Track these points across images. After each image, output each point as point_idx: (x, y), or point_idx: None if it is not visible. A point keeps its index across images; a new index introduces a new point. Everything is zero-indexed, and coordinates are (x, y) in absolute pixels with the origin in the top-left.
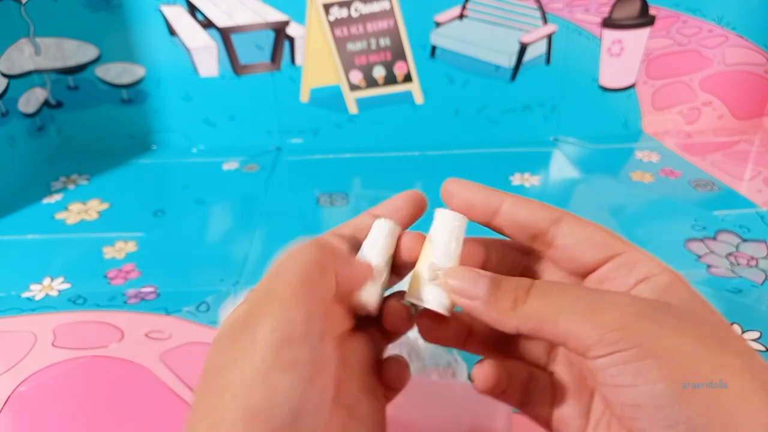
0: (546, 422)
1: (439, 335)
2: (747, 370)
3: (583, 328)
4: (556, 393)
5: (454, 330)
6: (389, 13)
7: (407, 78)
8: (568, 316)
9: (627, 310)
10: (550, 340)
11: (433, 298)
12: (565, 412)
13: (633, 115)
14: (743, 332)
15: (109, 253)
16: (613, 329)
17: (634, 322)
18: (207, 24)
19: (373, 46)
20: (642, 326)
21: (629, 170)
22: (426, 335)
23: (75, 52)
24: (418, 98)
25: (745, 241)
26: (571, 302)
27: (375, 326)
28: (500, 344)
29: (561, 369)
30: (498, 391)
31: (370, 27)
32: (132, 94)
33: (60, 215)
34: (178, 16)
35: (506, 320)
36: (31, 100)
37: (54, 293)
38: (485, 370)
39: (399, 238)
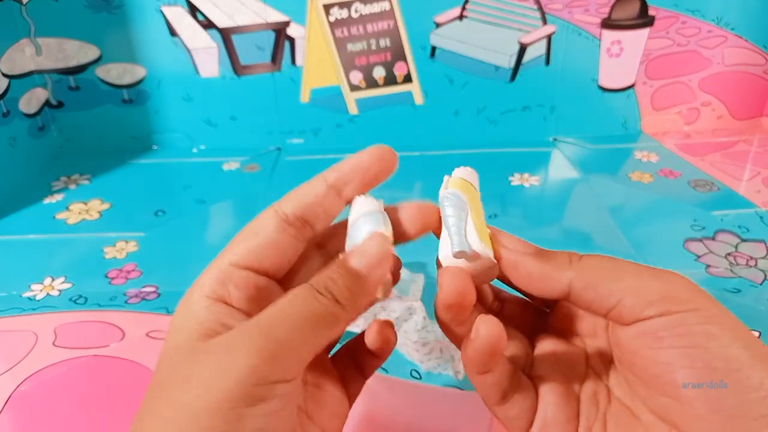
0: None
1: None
2: None
3: (647, 282)
4: (539, 397)
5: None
6: (389, 14)
7: (407, 78)
8: (629, 273)
9: (682, 277)
10: (600, 299)
11: (483, 249)
12: (551, 417)
13: (632, 116)
14: None
15: (110, 252)
16: (679, 288)
17: (694, 288)
18: (208, 25)
19: (373, 47)
20: (701, 292)
21: (628, 170)
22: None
23: (76, 52)
24: (418, 99)
25: (744, 241)
26: (628, 264)
27: None
28: None
29: (545, 372)
30: (493, 359)
31: (370, 28)
32: (133, 94)
33: (61, 215)
34: (179, 16)
35: (560, 274)
36: (32, 100)
37: (55, 293)
38: (493, 323)
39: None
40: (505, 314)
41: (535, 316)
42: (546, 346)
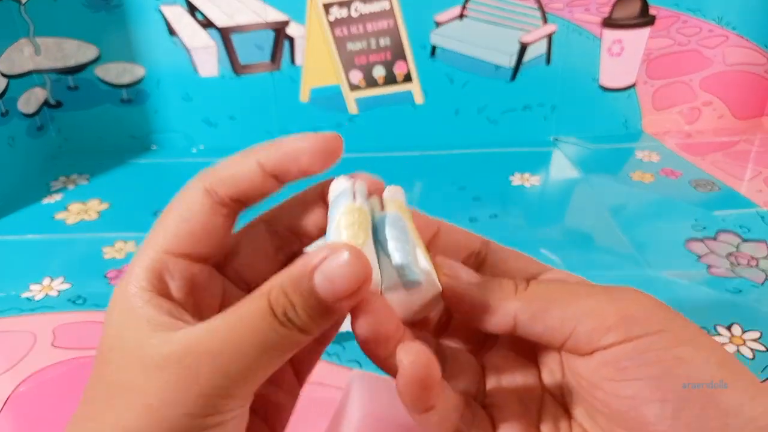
0: None
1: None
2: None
3: (602, 305)
4: (496, 423)
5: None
6: (389, 13)
7: (407, 78)
8: (579, 296)
9: (642, 294)
10: (551, 330)
11: (430, 277)
12: None
13: (633, 115)
14: (743, 333)
15: (108, 253)
16: (639, 308)
17: (656, 305)
18: (207, 24)
19: (373, 46)
20: (664, 310)
21: (629, 170)
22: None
23: (75, 52)
24: (418, 98)
25: (745, 241)
26: (579, 287)
27: None
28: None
29: (500, 401)
30: (430, 394)
31: (370, 27)
32: (132, 94)
33: (60, 215)
34: (178, 16)
35: (503, 305)
36: (30, 100)
37: (54, 293)
38: (417, 351)
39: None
40: (455, 326)
41: None
42: (498, 366)
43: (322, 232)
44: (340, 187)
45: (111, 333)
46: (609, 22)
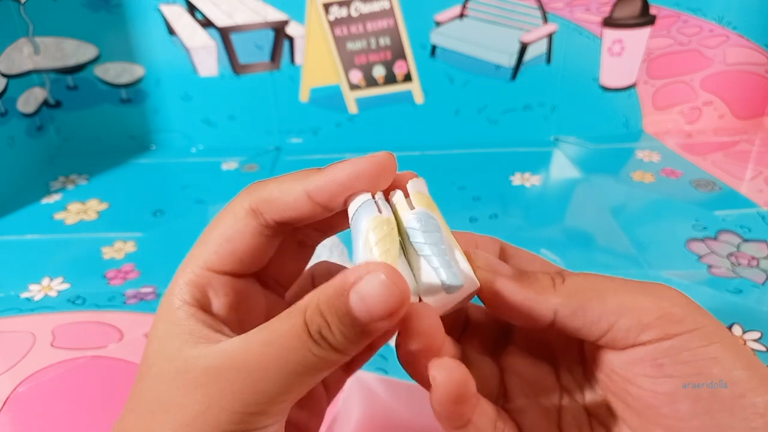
0: None
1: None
2: None
3: (640, 301)
4: (521, 427)
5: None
6: (389, 13)
7: (407, 77)
8: (618, 292)
9: (676, 291)
10: (590, 324)
11: (470, 277)
12: None
13: (634, 115)
14: (744, 333)
15: (108, 253)
16: (676, 306)
17: (690, 303)
18: (206, 23)
19: (373, 46)
20: (697, 308)
21: (630, 170)
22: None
23: (74, 51)
24: (418, 98)
25: (746, 241)
26: (616, 281)
27: None
28: None
29: (522, 404)
30: (466, 409)
31: (370, 26)
32: (131, 93)
33: (59, 215)
34: (178, 15)
35: (545, 300)
36: (30, 99)
37: (53, 293)
38: (451, 367)
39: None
40: (472, 324)
41: (499, 322)
42: (516, 368)
43: (340, 225)
44: (360, 201)
45: (154, 347)
46: (609, 22)
